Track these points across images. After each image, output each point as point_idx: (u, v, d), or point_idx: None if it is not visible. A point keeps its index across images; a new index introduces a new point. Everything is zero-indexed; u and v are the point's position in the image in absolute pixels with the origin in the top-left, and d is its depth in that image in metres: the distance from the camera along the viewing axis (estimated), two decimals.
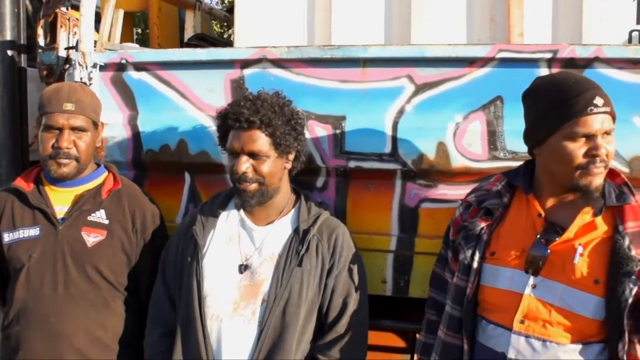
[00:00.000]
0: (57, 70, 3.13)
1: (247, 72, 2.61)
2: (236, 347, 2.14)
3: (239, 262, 2.23)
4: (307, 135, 2.52)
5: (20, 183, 2.44)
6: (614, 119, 1.85)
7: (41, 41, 3.21)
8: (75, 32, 3.27)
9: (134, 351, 2.40)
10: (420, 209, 2.48)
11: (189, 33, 3.81)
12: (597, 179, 1.85)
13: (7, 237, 2.39)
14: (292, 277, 2.16)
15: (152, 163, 2.76)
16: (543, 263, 1.89)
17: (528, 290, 1.90)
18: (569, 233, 1.89)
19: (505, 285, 1.95)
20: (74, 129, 2.35)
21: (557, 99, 1.85)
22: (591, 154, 1.82)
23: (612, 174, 1.96)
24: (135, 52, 2.75)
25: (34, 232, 2.37)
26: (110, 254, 2.38)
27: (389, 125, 2.44)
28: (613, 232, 1.86)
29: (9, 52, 3.33)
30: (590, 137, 1.82)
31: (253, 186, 2.19)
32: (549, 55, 2.29)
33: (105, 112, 2.78)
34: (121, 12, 2.93)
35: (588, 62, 2.28)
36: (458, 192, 2.38)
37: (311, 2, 2.90)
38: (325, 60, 2.51)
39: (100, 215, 2.40)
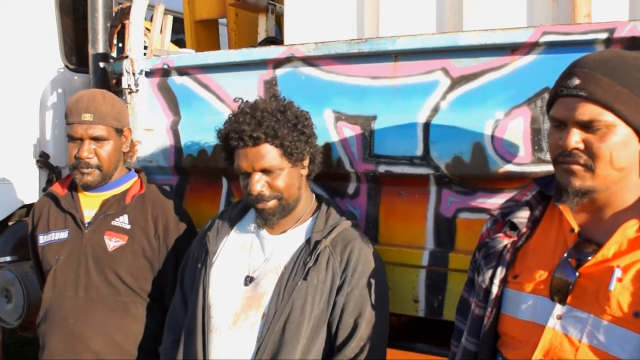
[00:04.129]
0: None
1: (279, 72, 2.48)
2: None
3: (246, 273, 2.09)
4: (337, 137, 2.33)
5: (56, 188, 2.54)
6: (610, 109, 1.45)
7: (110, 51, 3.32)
8: (144, 42, 3.36)
9: (156, 358, 2.35)
10: (457, 219, 2.18)
11: (261, 37, 3.77)
12: (576, 180, 1.48)
13: (41, 240, 2.49)
14: (296, 292, 1.98)
15: (191, 168, 2.73)
16: (572, 288, 1.53)
17: (552, 322, 1.54)
18: (606, 251, 1.50)
19: (526, 315, 1.60)
20: (93, 138, 2.38)
21: None
22: (558, 145, 1.48)
23: None
24: (176, 57, 2.74)
25: (63, 235, 2.44)
26: (130, 259, 2.37)
27: (421, 125, 2.17)
28: None
29: (102, 64, 3.49)
30: (564, 125, 1.48)
31: (271, 203, 2.04)
32: (604, 36, 1.88)
33: (152, 118, 2.82)
34: (170, 18, 2.93)
35: None
36: (499, 200, 2.03)
37: None
38: (355, 55, 2.30)
39: (123, 220, 2.41)
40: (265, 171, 2.01)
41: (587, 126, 1.47)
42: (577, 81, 1.47)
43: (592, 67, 1.48)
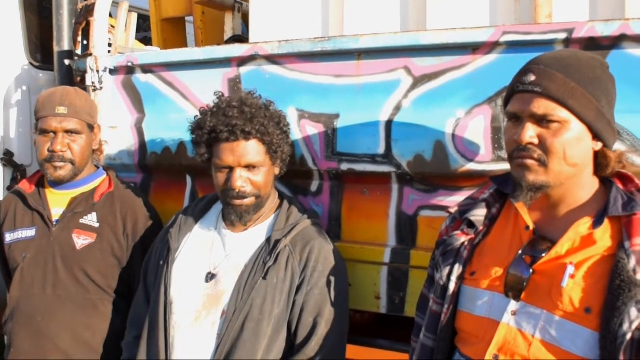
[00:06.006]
0: None
1: (243, 70, 2.47)
2: (194, 358, 1.98)
3: (207, 270, 2.08)
4: (300, 135, 2.33)
5: (23, 185, 2.50)
6: (563, 104, 1.48)
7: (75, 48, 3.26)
8: (109, 39, 3.31)
9: None
10: (419, 217, 2.19)
11: (227, 35, 3.75)
12: (530, 175, 1.51)
13: (8, 238, 2.45)
14: (255, 291, 1.97)
15: (155, 166, 2.70)
16: (526, 285, 1.55)
17: (507, 318, 1.55)
18: (559, 249, 1.53)
19: (482, 312, 1.62)
20: (67, 132, 2.36)
21: None
22: (513, 140, 1.50)
23: (624, 178, 1.58)
24: (140, 54, 2.71)
25: (30, 233, 2.40)
26: (99, 258, 2.35)
27: (384, 123, 2.18)
28: (617, 249, 1.47)
29: (67, 62, 3.44)
30: (519, 120, 1.50)
31: (249, 200, 2.03)
32: (563, 36, 1.91)
33: (116, 116, 2.78)
34: (134, 16, 2.90)
35: (613, 42, 1.87)
36: (460, 198, 2.03)
37: None
38: (319, 54, 2.30)
39: (91, 219, 2.39)
40: (248, 167, 2.01)
41: (541, 120, 1.49)
42: (532, 77, 1.49)
43: (548, 64, 1.51)
